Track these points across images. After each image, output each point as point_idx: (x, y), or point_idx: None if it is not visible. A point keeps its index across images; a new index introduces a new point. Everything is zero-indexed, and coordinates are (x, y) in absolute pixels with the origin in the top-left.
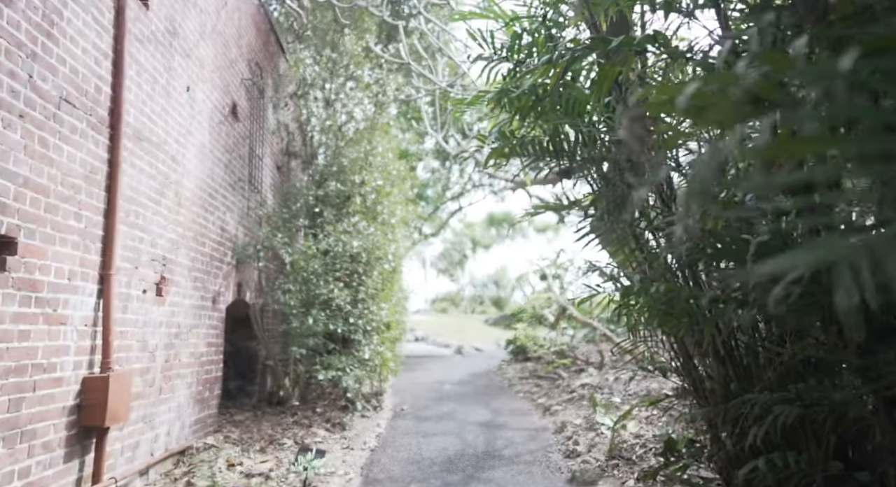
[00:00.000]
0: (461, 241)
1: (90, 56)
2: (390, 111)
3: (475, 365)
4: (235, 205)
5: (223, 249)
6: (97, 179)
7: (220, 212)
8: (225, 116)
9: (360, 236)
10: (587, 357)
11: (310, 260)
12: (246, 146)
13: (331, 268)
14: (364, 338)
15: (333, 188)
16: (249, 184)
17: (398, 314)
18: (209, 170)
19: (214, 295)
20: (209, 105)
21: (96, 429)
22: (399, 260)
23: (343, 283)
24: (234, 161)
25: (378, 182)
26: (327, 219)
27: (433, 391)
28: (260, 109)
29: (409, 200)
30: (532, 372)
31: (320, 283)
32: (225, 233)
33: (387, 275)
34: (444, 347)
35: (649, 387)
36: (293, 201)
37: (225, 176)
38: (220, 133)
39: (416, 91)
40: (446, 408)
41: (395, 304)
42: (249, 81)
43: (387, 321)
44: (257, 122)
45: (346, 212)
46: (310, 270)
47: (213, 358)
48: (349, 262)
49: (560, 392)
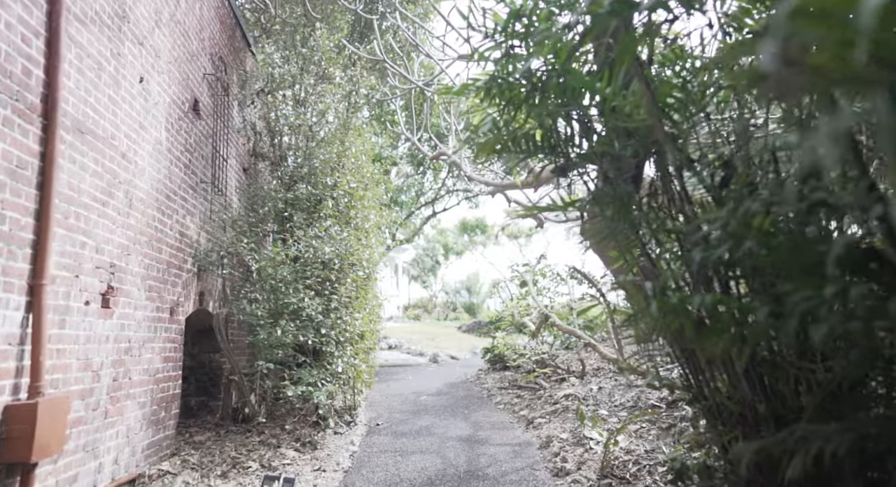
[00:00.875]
0: (434, 248)
1: (15, 32)
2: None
3: (452, 374)
4: (197, 208)
5: (183, 255)
6: (26, 175)
7: (180, 216)
8: (185, 112)
9: (332, 241)
10: (568, 365)
11: (278, 267)
12: (209, 145)
13: (301, 276)
14: (337, 350)
15: (304, 191)
16: (213, 186)
17: (372, 323)
18: (166, 169)
19: (172, 305)
20: (166, 99)
21: (21, 466)
22: (373, 267)
23: (314, 291)
24: (195, 161)
25: (351, 185)
26: (297, 223)
27: (409, 403)
28: (225, 107)
29: (383, 204)
30: (511, 381)
31: (290, 292)
32: (185, 239)
33: (360, 283)
34: (418, 356)
35: (635, 397)
36: (261, 205)
37: (185, 176)
38: (180, 130)
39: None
40: (424, 422)
41: (369, 313)
42: (213, 77)
43: (361, 331)
44: (222, 121)
45: (317, 217)
46: (278, 278)
47: (171, 375)
48: (321, 269)
49: (542, 403)
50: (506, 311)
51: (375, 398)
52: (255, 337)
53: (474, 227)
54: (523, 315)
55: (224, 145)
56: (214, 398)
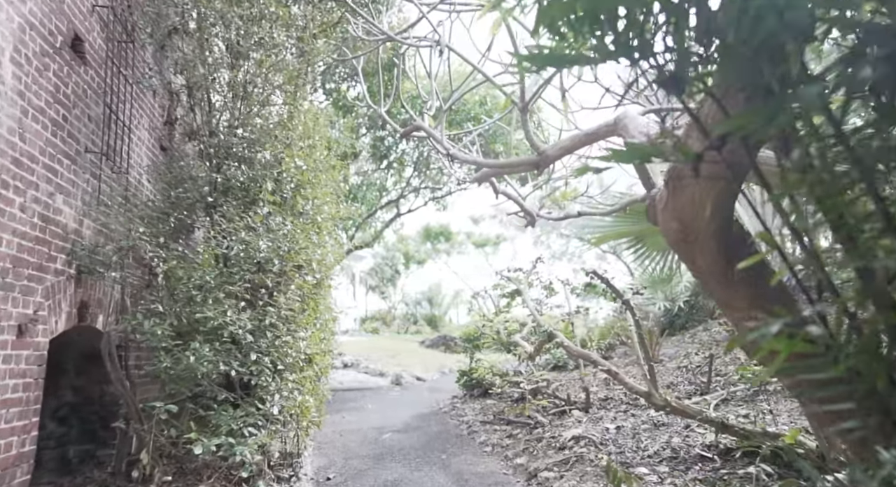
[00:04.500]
0: (394, 256)
1: None
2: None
3: (420, 401)
4: (78, 185)
5: (48, 250)
6: None
7: (42, 193)
8: (56, 49)
9: (270, 235)
10: (568, 394)
11: (194, 270)
12: (101, 105)
13: (227, 281)
14: (274, 381)
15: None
16: (106, 159)
17: (324, 342)
18: (13, 121)
19: (24, 321)
20: (15, 19)
21: None
22: (326, 271)
23: (245, 301)
24: (76, 121)
25: (298, 163)
26: (228, 213)
27: (370, 444)
28: (127, 57)
29: (342, 193)
30: (497, 414)
31: (209, 302)
32: (53, 226)
33: (308, 291)
34: (378, 376)
35: (670, 442)
36: (174, 187)
37: (54, 139)
38: (46, 71)
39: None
40: (390, 475)
41: (319, 329)
42: (107, 10)
43: (308, 353)
44: (123, 74)
45: (252, 201)
46: (192, 284)
47: (19, 425)
48: (253, 272)
49: (545, 447)
50: (486, 327)
51: (327, 436)
52: (156, 364)
53: (438, 234)
54: (512, 331)
55: (126, 108)
56: (106, 445)
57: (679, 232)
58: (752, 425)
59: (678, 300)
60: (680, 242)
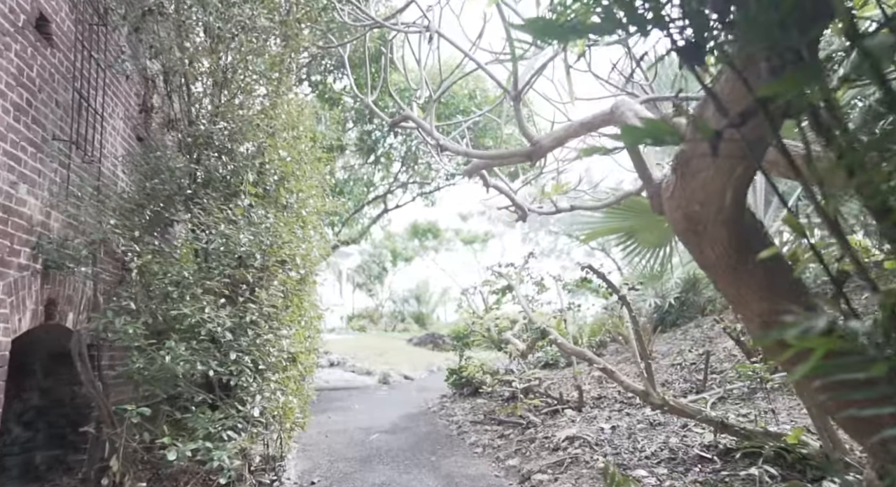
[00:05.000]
0: (381, 253)
1: None
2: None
3: (408, 400)
4: (45, 175)
5: (11, 243)
6: None
7: (4, 182)
8: (18, 28)
9: (252, 229)
10: (560, 393)
11: (171, 265)
12: (70, 90)
13: (205, 276)
14: (255, 382)
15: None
16: (77, 148)
17: (309, 340)
18: None
19: None
20: None
21: None
22: (311, 267)
23: (225, 298)
24: (42, 107)
25: (282, 154)
26: (207, 206)
27: (357, 445)
28: (99, 40)
29: (328, 186)
30: (488, 413)
31: (186, 298)
32: (15, 218)
33: (292, 287)
34: (365, 375)
35: (667, 442)
36: (150, 178)
37: (15, 124)
38: (8, 54)
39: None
40: (377, 478)
41: (304, 327)
42: None
43: (292, 352)
44: (94, 59)
45: (233, 193)
46: (168, 280)
47: None
48: (234, 267)
49: (538, 448)
50: (476, 324)
51: (312, 437)
52: (129, 365)
53: (426, 231)
54: (503, 329)
55: (99, 95)
56: (77, 450)
57: (687, 220)
58: (751, 424)
59: (669, 296)
60: (688, 232)
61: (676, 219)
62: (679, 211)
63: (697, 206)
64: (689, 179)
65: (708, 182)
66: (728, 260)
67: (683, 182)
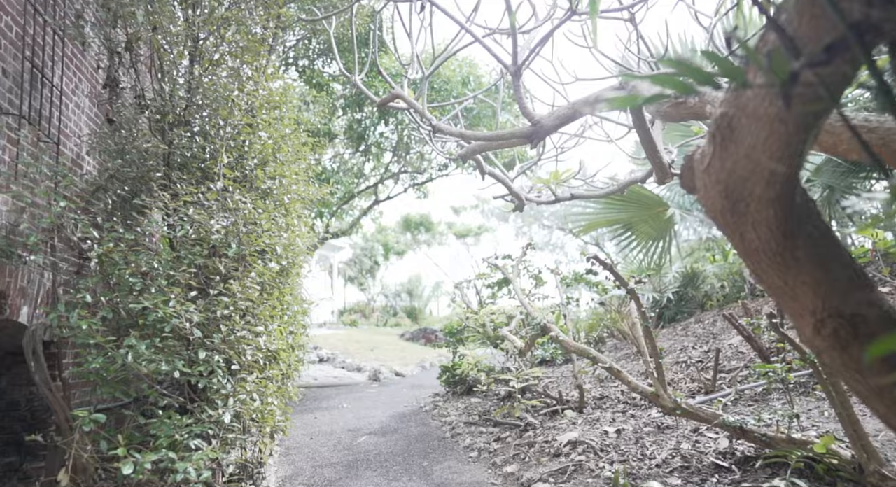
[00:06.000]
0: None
1: None
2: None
3: (399, 399)
4: None
5: None
6: None
7: None
8: None
9: (226, 215)
10: (560, 392)
11: (134, 254)
12: (17, 58)
13: (172, 266)
14: (228, 383)
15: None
16: (28, 123)
17: (293, 335)
18: None
19: None
20: None
21: None
22: (294, 258)
23: (197, 290)
24: None
25: (263, 135)
26: (177, 190)
27: (343, 449)
28: (56, 5)
29: (314, 173)
30: (482, 413)
31: (152, 290)
32: None
33: (271, 279)
34: (355, 371)
35: (678, 448)
36: (115, 158)
37: None
38: None
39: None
40: (364, 486)
41: (287, 322)
42: None
43: (273, 350)
44: (49, 26)
45: (206, 176)
46: (131, 270)
47: None
48: (205, 256)
49: (538, 453)
50: (471, 319)
51: (296, 439)
52: (84, 365)
53: (418, 225)
54: (499, 324)
55: (57, 68)
56: (36, 457)
57: (726, 198)
58: (768, 428)
59: (667, 291)
60: (725, 212)
61: (712, 197)
62: (717, 186)
63: (740, 180)
64: (733, 146)
65: (757, 148)
66: (775, 246)
67: (724, 150)
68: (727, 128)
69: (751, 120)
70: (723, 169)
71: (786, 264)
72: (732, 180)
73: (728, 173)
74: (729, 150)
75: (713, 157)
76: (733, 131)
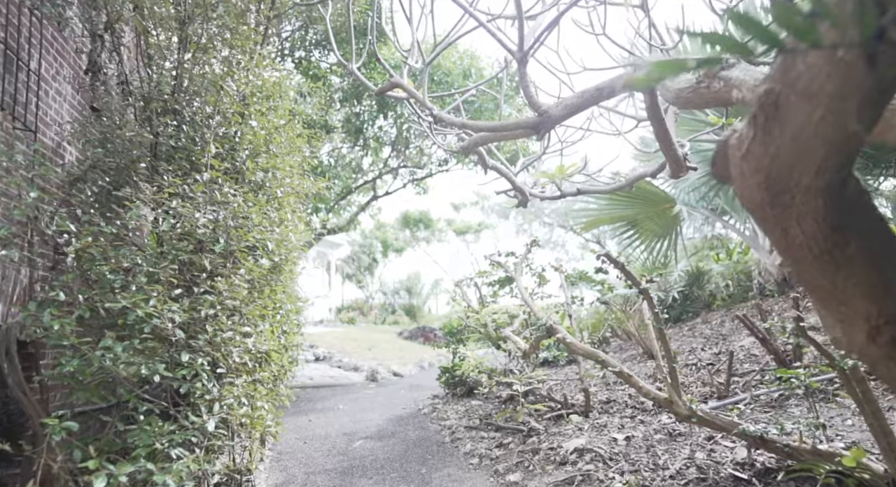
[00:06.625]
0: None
1: None
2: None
3: (397, 400)
4: None
5: None
6: None
7: None
8: None
9: (213, 208)
10: (564, 395)
11: (114, 250)
12: None
13: (155, 262)
14: (215, 387)
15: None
16: (3, 112)
17: (286, 335)
18: None
19: None
20: None
21: None
22: (287, 254)
23: (183, 288)
24: None
25: (253, 124)
26: (161, 182)
27: (337, 454)
28: None
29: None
30: (483, 417)
31: (133, 288)
32: None
33: (262, 277)
34: (352, 371)
35: (692, 457)
36: (96, 146)
37: None
38: None
39: None
40: None
41: (279, 321)
42: None
43: (264, 351)
44: (25, 6)
45: (194, 168)
46: (109, 266)
47: None
48: (190, 251)
49: (543, 461)
50: (472, 318)
51: (289, 443)
52: (57, 368)
53: (417, 221)
54: (501, 324)
55: (35, 52)
56: (12, 464)
57: (768, 188)
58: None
59: (672, 290)
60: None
61: (751, 187)
62: (757, 175)
63: (785, 167)
64: (778, 129)
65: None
66: (822, 242)
67: (767, 134)
68: (772, 108)
69: (802, 97)
70: (765, 154)
71: (835, 263)
72: (776, 167)
73: (771, 159)
74: (773, 133)
75: (753, 141)
76: (779, 111)
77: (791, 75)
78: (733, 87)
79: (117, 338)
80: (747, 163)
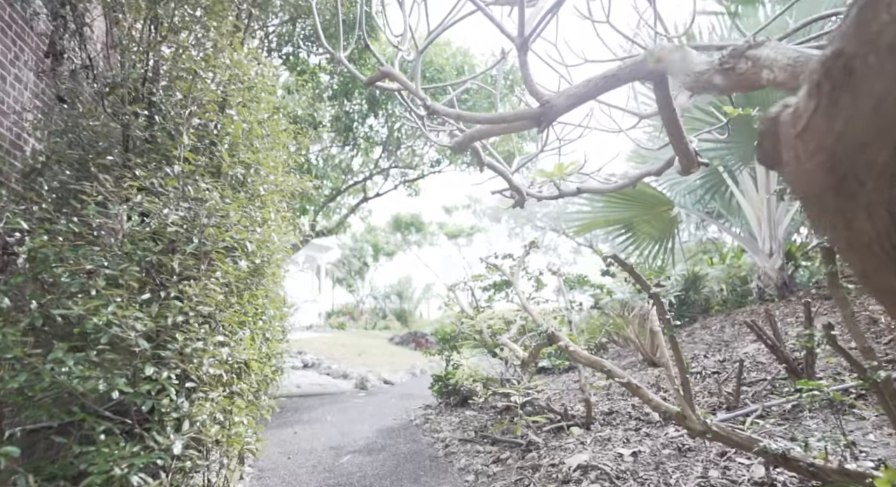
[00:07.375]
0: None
1: None
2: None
3: (387, 410)
4: None
5: None
6: None
7: None
8: None
9: (186, 205)
10: (564, 406)
11: (76, 251)
12: None
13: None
14: (183, 404)
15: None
16: None
17: (268, 343)
18: None
19: None
20: None
21: None
22: (270, 255)
23: (151, 293)
24: None
25: (231, 112)
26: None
27: (323, 470)
28: None
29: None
30: (479, 429)
31: (92, 292)
32: None
33: (241, 280)
34: (341, 378)
35: (705, 475)
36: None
37: None
38: None
39: None
40: None
41: (261, 328)
42: None
43: (242, 360)
44: None
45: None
46: (65, 268)
47: None
48: (157, 252)
49: (544, 478)
50: (466, 324)
51: (271, 459)
52: (3, 383)
53: (409, 225)
54: (497, 331)
55: None
56: None
57: (829, 171)
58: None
59: (669, 295)
60: (826, 190)
61: (808, 171)
62: (817, 156)
63: (857, 146)
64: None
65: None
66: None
67: (833, 104)
68: (842, 73)
69: (888, 57)
70: (829, 131)
71: None
72: (843, 146)
73: (837, 137)
74: (841, 104)
75: (815, 115)
76: (852, 76)
77: (871, 29)
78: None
79: (72, 349)
80: (804, 142)
